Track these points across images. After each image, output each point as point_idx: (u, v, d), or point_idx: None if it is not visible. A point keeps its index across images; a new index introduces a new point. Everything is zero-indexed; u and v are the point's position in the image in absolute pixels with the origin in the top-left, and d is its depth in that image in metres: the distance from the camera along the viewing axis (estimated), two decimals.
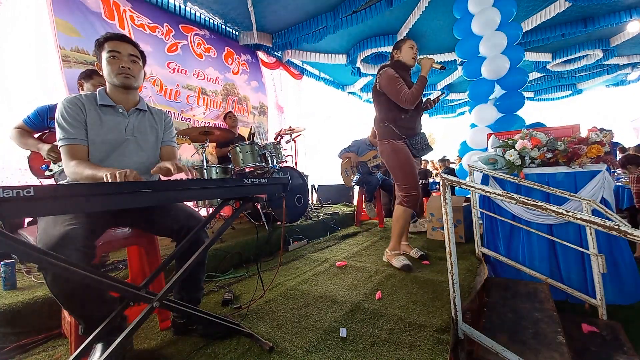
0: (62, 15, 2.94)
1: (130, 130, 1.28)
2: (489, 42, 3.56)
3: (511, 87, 3.66)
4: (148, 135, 1.34)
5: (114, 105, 1.25)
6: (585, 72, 7.41)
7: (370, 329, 1.27)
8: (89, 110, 1.20)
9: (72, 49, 2.96)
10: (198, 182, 0.98)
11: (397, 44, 2.18)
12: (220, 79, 4.63)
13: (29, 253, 0.73)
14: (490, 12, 3.47)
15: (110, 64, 1.21)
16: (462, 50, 4.00)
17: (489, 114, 3.73)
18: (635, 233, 0.68)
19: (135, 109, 1.32)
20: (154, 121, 1.39)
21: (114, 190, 0.75)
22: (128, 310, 1.06)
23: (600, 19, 4.88)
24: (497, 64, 3.53)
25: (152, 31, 3.72)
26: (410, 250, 2.27)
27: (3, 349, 1.23)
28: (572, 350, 1.26)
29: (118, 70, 1.22)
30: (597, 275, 1.59)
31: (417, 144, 2.11)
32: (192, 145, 3.27)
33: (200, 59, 4.35)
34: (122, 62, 1.22)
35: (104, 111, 1.23)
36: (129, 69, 1.24)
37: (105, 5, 3.31)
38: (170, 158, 1.42)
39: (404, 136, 2.09)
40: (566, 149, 1.88)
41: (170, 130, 1.46)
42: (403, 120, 2.09)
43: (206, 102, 4.40)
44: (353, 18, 4.31)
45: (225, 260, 2.19)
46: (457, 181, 1.13)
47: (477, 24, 3.59)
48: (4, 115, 2.51)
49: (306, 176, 3.46)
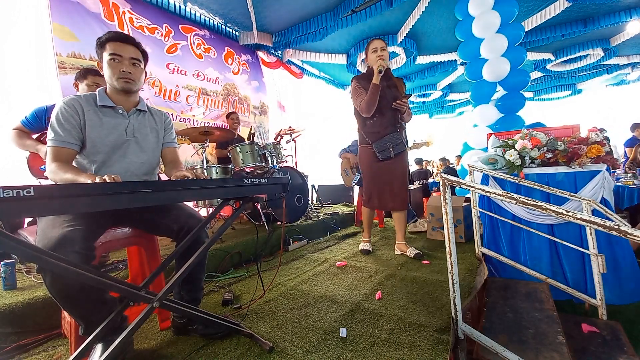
0: (60, 20, 2.91)
1: (131, 131, 1.28)
2: (490, 45, 3.56)
3: (513, 88, 3.66)
4: (149, 136, 1.34)
5: (114, 106, 1.25)
6: (585, 72, 7.41)
7: (370, 329, 1.27)
8: (88, 111, 1.19)
9: (68, 54, 2.94)
10: (198, 182, 0.98)
11: (365, 51, 2.26)
12: (221, 79, 4.63)
13: (29, 253, 0.73)
14: (490, 15, 3.47)
15: (111, 67, 1.21)
16: (464, 52, 3.99)
17: (491, 114, 3.73)
18: (635, 233, 0.68)
19: (136, 110, 1.31)
20: (154, 122, 1.39)
21: (114, 190, 0.74)
22: (128, 310, 1.06)
23: (600, 19, 4.87)
24: (497, 67, 3.54)
25: (152, 32, 3.71)
26: (406, 250, 2.27)
27: (3, 349, 1.23)
28: (572, 350, 1.26)
29: (119, 75, 1.21)
30: (597, 275, 1.59)
31: (381, 147, 2.19)
32: (191, 145, 3.27)
33: (199, 59, 4.34)
34: (123, 66, 1.21)
35: (104, 112, 1.23)
36: (130, 73, 1.23)
37: (104, 7, 3.29)
38: (174, 159, 1.43)
39: (370, 141, 2.24)
40: (566, 149, 1.88)
41: (171, 131, 1.47)
42: (368, 125, 2.25)
43: (206, 102, 4.39)
44: (353, 18, 4.31)
45: (225, 260, 2.19)
46: (457, 181, 1.12)
47: (477, 27, 3.59)
48: (4, 115, 2.51)
49: (306, 176, 3.46)
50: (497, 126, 3.68)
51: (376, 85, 2.06)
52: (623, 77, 7.93)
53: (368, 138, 2.24)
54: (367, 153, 2.27)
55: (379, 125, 2.20)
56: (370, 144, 2.22)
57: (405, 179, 2.29)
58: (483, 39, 3.63)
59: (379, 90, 2.08)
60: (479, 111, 3.81)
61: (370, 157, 2.25)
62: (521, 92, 3.72)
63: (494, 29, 3.53)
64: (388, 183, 2.23)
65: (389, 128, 2.20)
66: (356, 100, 2.21)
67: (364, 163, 2.33)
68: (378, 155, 2.19)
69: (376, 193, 2.27)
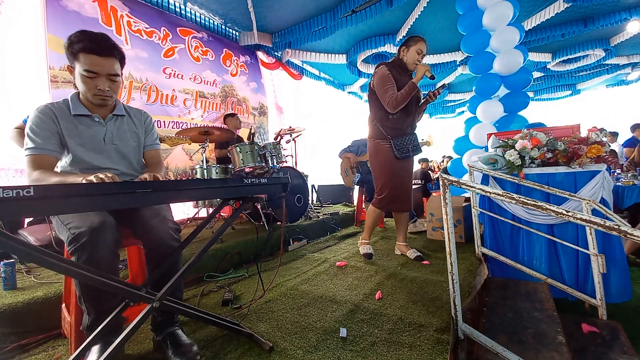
0: (54, 31, 2.85)
1: (110, 138, 1.23)
2: (502, 37, 3.50)
3: (516, 86, 3.63)
4: (129, 141, 1.30)
5: (89, 114, 1.18)
6: (585, 72, 7.41)
7: (370, 329, 1.27)
8: (62, 120, 1.13)
9: (61, 68, 2.87)
10: (198, 182, 0.98)
11: (407, 41, 2.13)
12: (218, 81, 4.61)
13: (29, 253, 0.73)
14: (503, 7, 3.41)
15: (85, 83, 1.11)
16: (467, 45, 3.94)
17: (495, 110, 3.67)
18: (635, 233, 0.68)
19: (113, 115, 1.25)
20: (134, 125, 1.33)
21: (114, 190, 0.74)
22: (128, 310, 1.06)
23: (600, 19, 4.87)
24: (511, 58, 3.47)
25: (149, 36, 3.67)
26: (407, 251, 2.27)
27: (3, 349, 1.23)
28: (572, 350, 1.26)
29: (95, 92, 1.13)
30: (597, 275, 1.59)
31: (401, 146, 2.10)
32: (192, 145, 3.27)
33: (197, 62, 4.31)
34: (100, 83, 1.11)
35: (79, 120, 1.17)
36: (107, 90, 1.14)
37: (102, 12, 3.25)
38: (155, 162, 1.38)
39: (389, 136, 2.10)
40: (566, 149, 1.87)
41: (152, 132, 1.40)
42: (390, 120, 2.10)
43: (204, 105, 4.37)
44: (353, 18, 4.31)
45: (225, 260, 2.19)
46: (457, 181, 1.12)
47: (489, 18, 3.52)
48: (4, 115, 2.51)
49: (306, 176, 3.46)
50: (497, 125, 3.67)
51: (416, 86, 1.98)
52: (623, 77, 7.93)
53: (387, 133, 2.10)
54: (384, 149, 2.12)
55: (402, 122, 2.10)
56: (390, 139, 2.10)
57: (411, 179, 2.29)
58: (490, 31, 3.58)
59: (415, 91, 2.01)
60: (482, 107, 3.75)
61: (387, 154, 2.12)
62: (525, 91, 3.69)
63: (507, 20, 3.47)
64: (402, 183, 2.17)
65: (409, 127, 2.17)
66: (385, 92, 2.01)
67: (380, 159, 2.16)
68: (396, 154, 2.09)
69: (394, 192, 2.14)
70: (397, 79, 2.05)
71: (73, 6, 3.02)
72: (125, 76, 3.27)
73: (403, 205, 2.22)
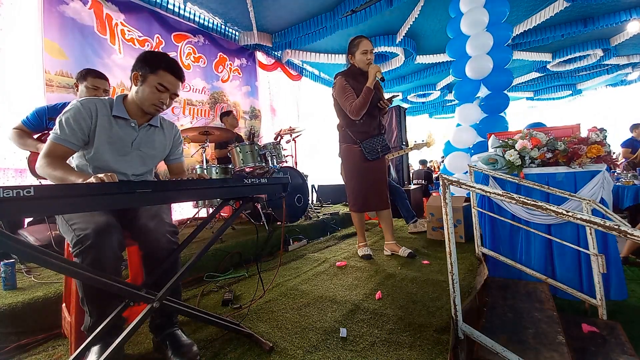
0: (51, 36, 2.86)
1: (137, 144, 1.28)
2: (475, 42, 3.57)
3: (496, 87, 3.67)
4: (155, 151, 1.36)
5: (127, 118, 1.25)
6: (585, 72, 7.41)
7: (370, 329, 1.27)
8: (102, 116, 1.19)
9: (56, 72, 2.88)
10: (198, 182, 0.98)
11: (350, 48, 2.20)
12: (207, 88, 4.55)
13: (29, 253, 0.73)
14: (479, 13, 3.48)
15: (152, 93, 1.20)
16: (451, 49, 4.00)
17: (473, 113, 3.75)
18: (636, 233, 0.68)
19: (148, 124, 1.32)
20: (164, 136, 1.40)
21: (115, 190, 0.74)
22: (128, 311, 1.06)
23: (600, 19, 4.88)
24: (480, 64, 3.55)
25: (142, 45, 3.63)
26: (398, 250, 2.28)
27: (3, 349, 1.23)
28: (572, 350, 1.26)
29: (157, 104, 1.22)
30: (597, 275, 1.59)
31: (370, 148, 2.19)
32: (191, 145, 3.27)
33: (187, 70, 4.27)
34: (164, 98, 1.22)
35: (116, 121, 1.23)
36: (166, 106, 1.25)
37: (98, 19, 3.24)
38: (180, 172, 1.49)
39: (358, 140, 2.21)
40: (566, 149, 1.88)
41: (180, 147, 1.50)
42: (357, 125, 2.21)
43: (192, 112, 4.34)
44: (353, 18, 4.31)
45: (225, 260, 2.19)
46: (457, 181, 1.12)
47: (465, 24, 3.60)
48: (4, 115, 2.51)
49: (306, 176, 3.46)
50: (480, 126, 3.70)
51: (371, 90, 2.06)
52: (623, 77, 7.93)
53: (356, 137, 2.21)
54: (354, 152, 2.23)
55: (368, 126, 2.21)
56: (359, 143, 2.20)
57: (386, 177, 2.32)
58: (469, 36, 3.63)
59: (372, 94, 2.09)
60: (461, 110, 3.84)
61: (357, 157, 2.22)
62: (505, 92, 3.74)
63: (482, 27, 3.53)
64: (374, 182, 2.24)
65: (376, 129, 2.25)
66: (345, 101, 2.14)
67: (350, 162, 2.26)
68: (367, 156, 2.18)
69: (363, 193, 2.23)
70: (354, 87, 2.14)
71: (70, 13, 3.02)
72: (117, 84, 3.29)
73: (379, 203, 2.26)
